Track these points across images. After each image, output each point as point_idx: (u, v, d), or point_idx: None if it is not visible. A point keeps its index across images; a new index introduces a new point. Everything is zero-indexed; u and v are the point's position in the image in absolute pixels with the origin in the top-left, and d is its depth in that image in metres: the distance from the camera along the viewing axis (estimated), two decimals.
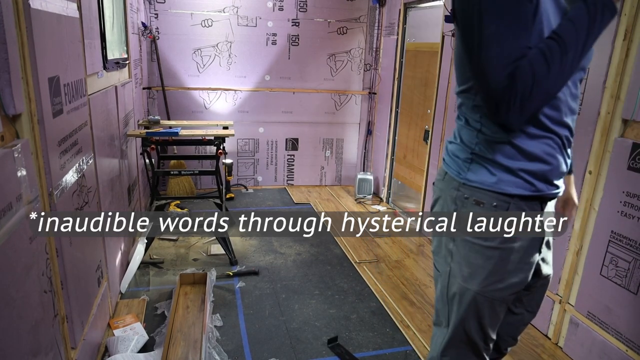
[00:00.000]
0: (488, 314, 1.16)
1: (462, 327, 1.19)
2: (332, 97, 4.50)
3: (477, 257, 1.12)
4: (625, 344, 1.84)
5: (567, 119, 1.08)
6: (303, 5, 4.21)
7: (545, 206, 1.13)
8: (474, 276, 1.13)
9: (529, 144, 1.05)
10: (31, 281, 1.17)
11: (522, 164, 1.06)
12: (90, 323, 1.78)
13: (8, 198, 1.05)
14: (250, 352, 2.07)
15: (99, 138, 2.05)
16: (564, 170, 1.12)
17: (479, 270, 1.12)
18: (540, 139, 1.06)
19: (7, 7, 1.08)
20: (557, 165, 1.09)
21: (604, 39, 1.91)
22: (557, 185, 1.11)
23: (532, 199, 1.09)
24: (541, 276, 1.25)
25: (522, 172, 1.06)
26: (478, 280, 1.12)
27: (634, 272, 1.81)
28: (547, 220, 1.14)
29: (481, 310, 1.16)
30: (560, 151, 1.09)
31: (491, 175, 1.08)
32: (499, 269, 1.11)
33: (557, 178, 1.11)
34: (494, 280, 1.12)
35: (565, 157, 1.11)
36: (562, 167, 1.11)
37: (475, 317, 1.17)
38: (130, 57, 2.96)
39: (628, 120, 1.85)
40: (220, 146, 3.07)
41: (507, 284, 1.12)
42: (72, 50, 1.64)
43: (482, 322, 1.17)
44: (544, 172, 1.07)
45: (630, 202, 1.81)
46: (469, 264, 1.13)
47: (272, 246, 3.19)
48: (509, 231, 1.08)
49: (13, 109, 1.12)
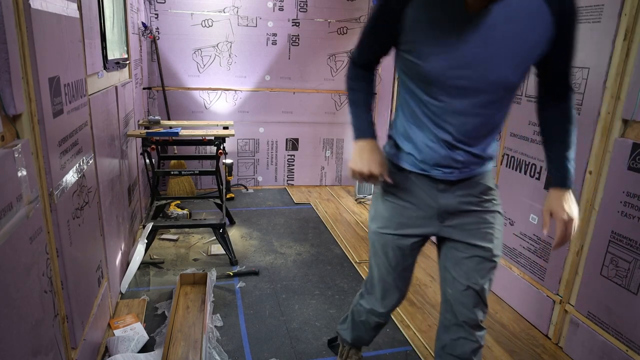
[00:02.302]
0: (381, 252, 1.50)
1: (370, 261, 1.59)
2: (333, 97, 4.50)
3: (378, 205, 1.50)
4: (626, 344, 1.84)
5: (449, 128, 1.28)
6: (303, 6, 4.21)
7: (441, 184, 1.36)
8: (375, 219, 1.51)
9: (416, 133, 1.34)
10: (31, 281, 1.17)
11: (410, 147, 1.36)
12: (90, 323, 1.78)
13: (8, 198, 1.05)
14: (250, 352, 2.07)
15: (99, 138, 2.05)
16: (447, 160, 1.32)
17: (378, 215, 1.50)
18: (421, 134, 1.33)
19: (7, 7, 1.08)
20: (433, 154, 1.32)
21: (604, 39, 1.91)
22: (442, 171, 1.33)
23: (420, 175, 1.37)
24: (460, 246, 1.42)
25: (410, 154, 1.37)
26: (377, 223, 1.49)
27: (634, 272, 1.81)
28: (456, 195, 1.36)
29: (375, 246, 1.52)
30: (438, 147, 1.32)
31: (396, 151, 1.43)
32: (392, 218, 1.45)
33: (438, 164, 1.33)
34: (384, 225, 1.46)
35: (448, 152, 1.30)
36: (442, 157, 1.32)
37: (373, 253, 1.55)
38: (131, 57, 2.97)
39: (628, 121, 1.85)
40: (221, 146, 3.07)
41: (397, 232, 1.45)
42: (72, 50, 1.64)
43: (377, 258, 1.53)
44: (424, 157, 1.34)
45: (631, 202, 1.81)
46: (375, 209, 1.52)
47: (272, 246, 3.19)
48: (398, 194, 1.43)
49: (13, 109, 1.12)
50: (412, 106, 1.32)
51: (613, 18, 1.87)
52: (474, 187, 1.37)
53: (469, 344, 1.44)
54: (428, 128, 1.30)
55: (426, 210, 1.39)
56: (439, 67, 1.20)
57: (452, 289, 1.44)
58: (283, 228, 3.54)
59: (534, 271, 2.36)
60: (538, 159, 2.31)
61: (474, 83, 1.21)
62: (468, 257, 1.40)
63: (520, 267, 2.47)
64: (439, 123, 1.28)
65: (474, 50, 1.17)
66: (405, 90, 1.34)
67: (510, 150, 2.50)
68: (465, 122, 1.26)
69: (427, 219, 1.40)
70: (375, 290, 1.60)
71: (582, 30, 2.03)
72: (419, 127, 1.32)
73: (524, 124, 2.39)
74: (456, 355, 1.47)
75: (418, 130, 1.32)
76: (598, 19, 1.95)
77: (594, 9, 1.96)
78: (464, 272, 1.41)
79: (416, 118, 1.32)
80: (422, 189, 1.38)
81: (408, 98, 1.33)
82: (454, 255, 1.43)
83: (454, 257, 1.43)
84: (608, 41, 1.90)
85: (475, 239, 1.39)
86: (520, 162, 2.43)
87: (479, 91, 1.22)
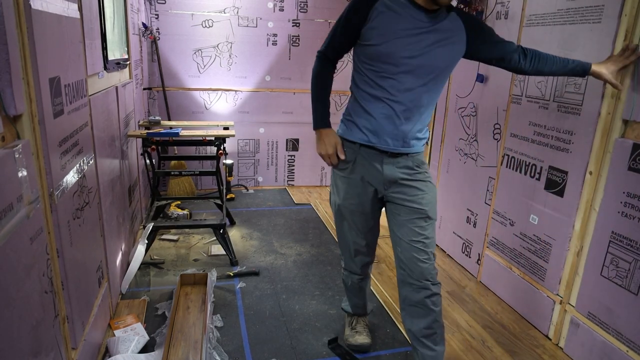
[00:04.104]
0: (349, 219, 1.85)
1: (338, 231, 1.94)
2: (333, 98, 4.50)
3: (337, 180, 1.84)
4: (626, 344, 1.84)
5: (402, 100, 1.64)
6: (303, 6, 4.21)
7: (386, 156, 1.70)
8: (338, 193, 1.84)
9: (372, 108, 1.67)
10: (32, 282, 1.17)
11: (364, 122, 1.70)
12: (90, 323, 1.78)
13: (9, 198, 1.05)
14: (250, 352, 2.07)
15: (99, 138, 2.05)
16: (396, 134, 1.67)
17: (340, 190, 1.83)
18: (378, 107, 1.67)
19: (8, 8, 1.09)
20: (384, 127, 1.66)
21: (604, 39, 1.91)
22: (388, 143, 1.67)
23: (368, 147, 1.70)
24: (401, 209, 1.74)
25: (364, 128, 1.70)
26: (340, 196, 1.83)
27: (634, 272, 1.81)
28: (397, 167, 1.71)
29: (342, 215, 1.86)
30: (393, 118, 1.65)
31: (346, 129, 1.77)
32: (349, 189, 1.80)
33: (388, 137, 1.67)
34: (345, 196, 1.81)
35: (401, 123, 1.66)
36: (392, 130, 1.66)
37: (340, 221, 1.89)
38: (131, 58, 2.97)
39: (628, 121, 1.85)
40: (221, 147, 3.07)
41: (357, 200, 1.80)
42: (72, 50, 1.64)
43: (344, 225, 1.88)
44: (374, 129, 1.68)
45: (631, 203, 1.81)
46: (335, 185, 1.86)
47: (272, 247, 3.19)
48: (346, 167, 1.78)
49: (14, 109, 1.12)
50: (367, 87, 1.66)
51: (613, 18, 1.87)
52: (411, 161, 1.71)
53: (422, 291, 1.71)
54: (382, 101, 1.64)
55: (374, 178, 1.73)
56: (392, 52, 1.57)
57: (400, 247, 1.74)
58: (283, 228, 3.54)
59: (534, 271, 2.36)
60: (538, 159, 2.31)
61: (418, 68, 1.60)
62: (408, 220, 1.72)
63: (520, 267, 2.47)
64: (393, 98, 1.63)
65: (423, 41, 1.58)
66: (360, 75, 1.68)
67: (510, 151, 2.50)
68: (414, 95, 1.63)
69: (375, 185, 1.75)
70: (346, 252, 1.95)
71: (582, 31, 2.03)
72: (374, 101, 1.66)
73: (524, 124, 2.39)
74: (414, 304, 1.75)
75: (373, 104, 1.66)
76: (598, 20, 1.95)
77: (594, 9, 1.96)
78: (405, 232, 1.72)
79: (372, 96, 1.66)
80: (369, 160, 1.71)
81: (365, 81, 1.67)
82: (397, 219, 1.75)
83: (397, 221, 1.75)
84: (608, 42, 1.90)
85: (411, 203, 1.71)
86: (520, 162, 2.43)
87: (421, 74, 1.62)
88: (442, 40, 1.60)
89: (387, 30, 1.57)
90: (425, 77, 1.62)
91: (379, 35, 1.58)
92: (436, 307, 1.73)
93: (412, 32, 1.57)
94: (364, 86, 1.68)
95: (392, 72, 1.60)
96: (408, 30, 1.57)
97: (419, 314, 1.75)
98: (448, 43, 1.62)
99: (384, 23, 1.57)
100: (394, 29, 1.56)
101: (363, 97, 1.68)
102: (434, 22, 1.58)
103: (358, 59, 1.69)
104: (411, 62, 1.58)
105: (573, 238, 2.12)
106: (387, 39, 1.57)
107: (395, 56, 1.57)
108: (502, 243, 2.60)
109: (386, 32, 1.57)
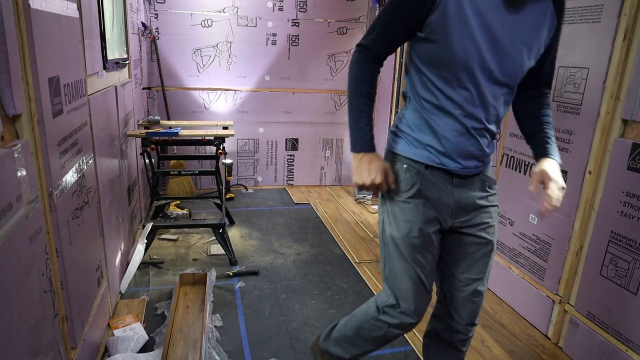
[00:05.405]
0: (411, 257, 1.37)
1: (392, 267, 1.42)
2: (332, 97, 4.50)
3: (395, 209, 1.39)
4: (625, 344, 1.84)
5: (479, 115, 1.27)
6: (303, 6, 4.21)
7: (456, 178, 1.33)
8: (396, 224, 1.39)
9: (439, 124, 1.29)
10: (31, 281, 1.17)
11: (429, 139, 1.31)
12: (90, 323, 1.78)
13: (8, 198, 1.05)
14: (250, 352, 2.07)
15: (98, 138, 2.05)
16: (471, 153, 1.31)
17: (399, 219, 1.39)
18: (447, 123, 1.28)
19: (7, 7, 1.08)
20: (456, 146, 1.29)
21: (604, 39, 1.92)
22: (460, 163, 1.31)
23: (436, 169, 1.32)
24: (469, 240, 1.41)
25: (428, 146, 1.31)
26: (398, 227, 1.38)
27: (633, 272, 1.81)
28: (470, 189, 1.36)
29: (400, 253, 1.38)
30: (466, 136, 1.29)
31: (408, 146, 1.36)
32: (414, 219, 1.35)
33: (459, 157, 1.30)
34: (409, 229, 1.35)
35: (475, 142, 1.30)
36: (466, 148, 1.30)
37: (398, 259, 1.39)
38: (130, 57, 2.96)
39: (628, 121, 1.85)
40: (220, 146, 3.07)
41: (422, 232, 1.35)
42: (72, 50, 1.64)
43: (405, 264, 1.38)
44: (444, 149, 1.30)
45: (630, 202, 1.81)
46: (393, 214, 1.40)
47: (272, 246, 3.19)
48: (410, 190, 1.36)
49: (13, 109, 1.12)
50: (431, 96, 1.28)
51: (613, 18, 1.88)
52: (483, 181, 1.39)
53: (459, 335, 1.49)
54: (453, 116, 1.26)
55: (442, 206, 1.35)
56: (471, 53, 1.19)
57: (450, 283, 1.45)
58: (283, 228, 3.54)
59: (534, 271, 2.36)
60: None
61: (501, 71, 1.24)
62: (472, 252, 1.41)
63: (520, 267, 2.47)
64: (468, 111, 1.26)
65: (505, 39, 1.20)
66: (422, 79, 1.29)
67: (510, 150, 2.50)
68: (492, 109, 1.29)
69: (443, 214, 1.35)
70: (408, 299, 1.40)
71: (581, 31, 2.03)
72: (442, 116, 1.28)
73: None
74: (445, 341, 1.52)
75: (440, 120, 1.28)
76: (598, 19, 1.95)
77: (594, 9, 1.96)
78: (466, 267, 1.42)
79: (438, 107, 1.28)
80: (437, 184, 1.33)
81: (428, 87, 1.28)
82: (455, 251, 1.42)
83: (455, 252, 1.42)
84: (608, 41, 1.90)
85: (481, 233, 1.39)
86: (520, 162, 2.43)
87: (504, 79, 1.26)
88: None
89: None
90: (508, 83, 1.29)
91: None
92: (465, 347, 1.53)
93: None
94: (426, 94, 1.30)
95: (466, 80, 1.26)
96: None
97: (445, 350, 1.55)
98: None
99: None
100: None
101: (425, 108, 1.31)
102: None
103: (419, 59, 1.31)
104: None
105: (572, 238, 2.12)
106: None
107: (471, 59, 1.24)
108: (501, 243, 2.60)
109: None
